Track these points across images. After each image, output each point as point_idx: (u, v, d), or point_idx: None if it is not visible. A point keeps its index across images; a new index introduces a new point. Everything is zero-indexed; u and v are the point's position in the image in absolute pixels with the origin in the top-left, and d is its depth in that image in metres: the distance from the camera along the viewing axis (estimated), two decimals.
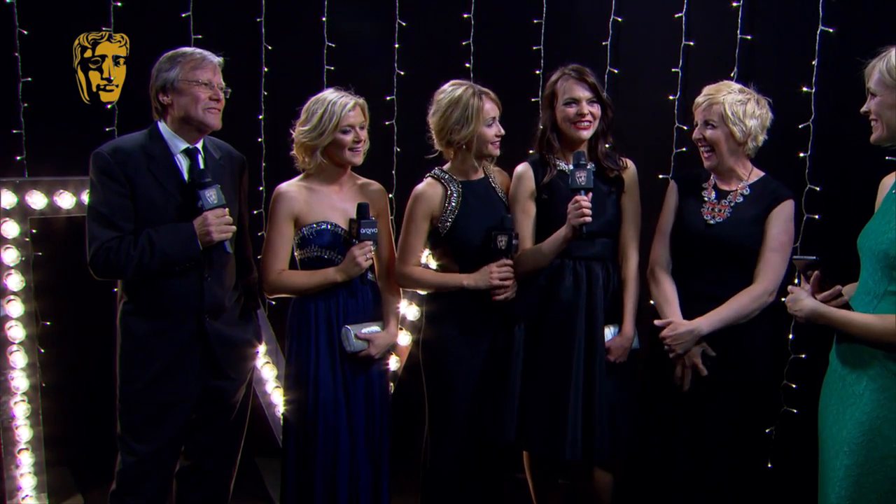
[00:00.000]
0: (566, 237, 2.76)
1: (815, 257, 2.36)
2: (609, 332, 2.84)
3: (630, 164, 2.96)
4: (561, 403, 2.76)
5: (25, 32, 3.66)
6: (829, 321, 2.24)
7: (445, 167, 2.97)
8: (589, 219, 2.68)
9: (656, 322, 2.75)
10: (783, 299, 2.47)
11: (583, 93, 2.84)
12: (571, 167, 2.78)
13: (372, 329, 2.89)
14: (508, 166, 3.03)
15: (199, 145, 2.72)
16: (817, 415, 2.35)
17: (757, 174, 2.79)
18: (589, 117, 2.84)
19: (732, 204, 2.75)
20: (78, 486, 3.75)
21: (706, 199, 2.79)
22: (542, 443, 2.81)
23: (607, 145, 2.93)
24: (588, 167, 2.75)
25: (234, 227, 2.66)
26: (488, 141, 2.86)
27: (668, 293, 2.80)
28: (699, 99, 2.77)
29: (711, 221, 2.75)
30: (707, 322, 2.68)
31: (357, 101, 2.83)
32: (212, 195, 2.59)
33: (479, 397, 2.88)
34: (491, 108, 2.86)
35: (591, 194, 2.71)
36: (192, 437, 2.81)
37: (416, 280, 2.94)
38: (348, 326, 2.84)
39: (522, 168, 2.96)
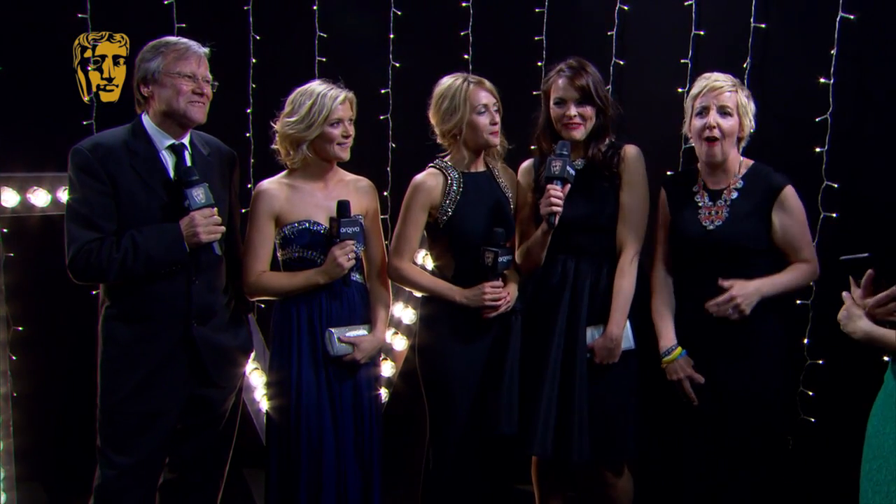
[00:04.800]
0: (543, 230, 2.71)
1: (865, 254, 2.07)
2: (595, 332, 2.76)
3: (629, 152, 2.80)
4: (533, 399, 2.70)
5: None
6: (887, 345, 1.98)
7: (447, 158, 2.89)
8: (558, 209, 2.62)
9: (722, 283, 2.59)
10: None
11: (570, 93, 2.74)
12: (551, 157, 2.70)
13: (358, 332, 2.80)
14: (509, 160, 2.97)
15: (186, 140, 2.66)
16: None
17: (746, 164, 2.72)
18: (577, 119, 2.74)
19: (728, 202, 2.68)
20: (51, 502, 3.66)
21: (700, 203, 2.72)
22: (519, 437, 2.74)
23: (603, 145, 2.79)
24: (567, 156, 2.65)
25: (223, 228, 2.59)
26: (482, 129, 2.77)
27: (661, 308, 2.75)
28: (703, 85, 2.65)
29: (710, 227, 2.67)
30: (769, 283, 2.60)
31: (347, 95, 2.79)
32: (199, 194, 2.53)
33: (479, 400, 2.81)
34: (483, 96, 2.77)
35: (568, 186, 2.64)
36: (178, 449, 2.74)
37: (408, 276, 2.86)
38: (332, 329, 2.77)
39: (526, 164, 2.92)
